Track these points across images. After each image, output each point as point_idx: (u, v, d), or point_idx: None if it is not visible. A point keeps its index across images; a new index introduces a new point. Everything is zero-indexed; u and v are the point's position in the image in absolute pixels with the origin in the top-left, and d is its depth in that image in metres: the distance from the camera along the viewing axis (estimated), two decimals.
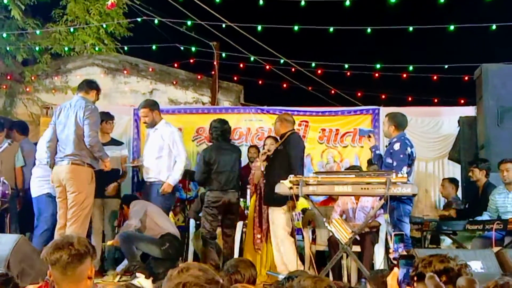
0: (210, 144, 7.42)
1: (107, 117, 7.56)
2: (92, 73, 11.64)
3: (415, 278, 2.80)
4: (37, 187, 6.70)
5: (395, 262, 3.31)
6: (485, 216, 6.69)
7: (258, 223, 7.29)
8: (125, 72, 11.66)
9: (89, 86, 6.45)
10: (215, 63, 11.82)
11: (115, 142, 7.75)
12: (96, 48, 10.98)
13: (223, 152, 7.04)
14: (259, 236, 7.27)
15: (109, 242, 6.86)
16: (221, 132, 7.13)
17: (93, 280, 2.77)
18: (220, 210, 6.93)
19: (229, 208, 7.02)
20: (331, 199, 8.21)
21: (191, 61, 12.05)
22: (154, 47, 11.31)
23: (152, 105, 7.27)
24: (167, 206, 7.16)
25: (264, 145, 7.54)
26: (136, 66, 11.83)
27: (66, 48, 10.86)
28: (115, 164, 7.30)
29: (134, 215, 6.57)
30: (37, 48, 10.65)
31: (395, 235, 3.76)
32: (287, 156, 6.54)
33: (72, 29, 10.73)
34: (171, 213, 7.95)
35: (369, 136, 6.92)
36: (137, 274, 6.20)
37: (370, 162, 8.22)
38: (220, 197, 6.91)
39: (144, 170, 7.27)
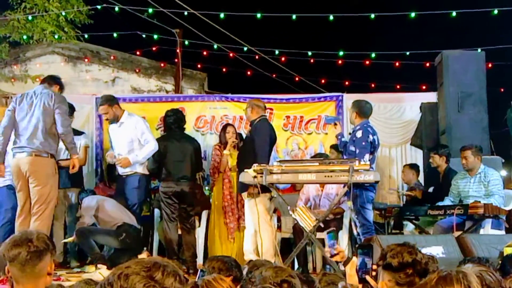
0: (163, 134, 7.34)
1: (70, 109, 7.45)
2: (52, 61, 11.42)
3: (381, 267, 2.81)
4: None
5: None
6: (447, 201, 6.80)
7: (231, 211, 7.28)
8: (86, 60, 11.47)
9: (52, 79, 6.25)
10: (178, 50, 11.71)
11: (75, 132, 7.63)
12: (56, 36, 10.76)
13: (175, 141, 6.96)
14: (232, 225, 7.26)
15: (67, 239, 6.79)
16: (173, 121, 7.06)
17: (52, 276, 2.72)
18: (175, 200, 6.84)
19: (183, 199, 6.91)
20: (293, 187, 8.25)
21: (154, 48, 11.92)
22: (115, 34, 11.15)
23: (110, 101, 7.10)
24: (141, 198, 7.09)
25: (226, 133, 7.51)
26: (97, 54, 11.64)
27: (24, 36, 10.62)
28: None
29: (85, 213, 6.54)
30: None
31: (327, 232, 3.78)
32: (252, 144, 6.53)
33: (30, 17, 10.50)
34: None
35: (335, 124, 6.97)
36: (99, 266, 6.17)
37: (334, 147, 8.28)
38: (172, 187, 6.82)
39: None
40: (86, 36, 11.11)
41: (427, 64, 10.02)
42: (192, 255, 6.92)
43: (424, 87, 10.24)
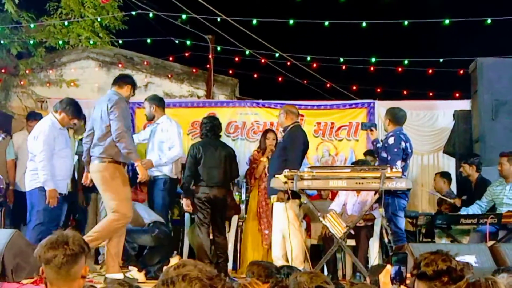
0: (200, 140, 7.38)
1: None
2: (87, 66, 11.57)
3: (415, 277, 2.77)
4: (30, 181, 6.60)
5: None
6: (475, 206, 6.72)
7: (266, 218, 7.29)
8: (120, 65, 11.59)
9: (123, 80, 6.18)
10: (210, 56, 11.77)
11: None
12: (91, 42, 10.91)
13: (210, 148, 6.99)
14: (267, 231, 7.25)
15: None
16: (210, 128, 7.09)
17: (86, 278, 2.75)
18: (208, 205, 6.86)
19: (216, 204, 6.92)
20: (319, 195, 8.22)
21: (186, 54, 12.00)
22: (149, 40, 11.26)
23: (152, 99, 7.43)
24: (167, 201, 7.15)
25: (266, 139, 7.53)
26: (131, 60, 11.77)
27: (60, 42, 10.78)
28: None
29: None
30: (31, 42, 10.58)
31: (393, 254, 3.64)
32: (284, 150, 6.53)
33: (66, 23, 10.66)
34: None
35: (371, 130, 6.95)
36: (130, 268, 6.24)
37: (368, 153, 8.24)
38: (206, 192, 6.84)
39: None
40: (120, 41, 11.24)
41: (461, 72, 9.89)
42: (224, 260, 6.95)
43: (457, 95, 10.12)
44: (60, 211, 6.50)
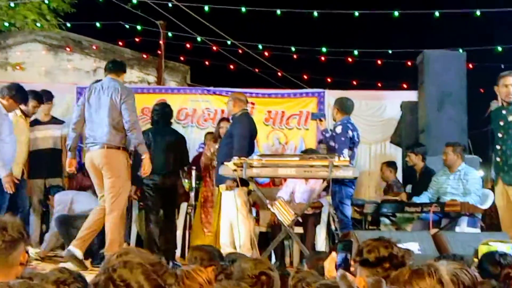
0: (150, 127, 7.28)
1: (48, 97, 7.39)
2: (34, 49, 11.30)
3: (358, 263, 2.82)
4: None
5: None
6: (424, 196, 6.87)
7: (204, 205, 7.29)
8: (67, 49, 11.36)
9: (120, 68, 6.11)
10: (161, 42, 11.66)
11: (55, 121, 7.57)
12: (38, 24, 10.64)
13: (161, 135, 6.92)
14: (207, 219, 7.26)
15: None
16: (161, 115, 7.01)
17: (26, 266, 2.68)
18: (157, 193, 6.80)
19: (165, 192, 6.85)
20: (272, 182, 8.27)
21: (137, 39, 11.83)
22: (98, 24, 11.05)
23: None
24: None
25: (219, 128, 7.50)
26: (79, 44, 11.54)
27: (6, 23, 10.48)
28: (52, 144, 7.28)
29: (59, 207, 6.47)
30: None
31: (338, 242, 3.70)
32: (231, 137, 6.52)
33: (12, 4, 10.37)
34: None
35: (321, 120, 6.99)
36: None
37: (321, 142, 8.32)
38: (155, 180, 6.77)
39: None
40: (68, 25, 11.01)
41: (409, 63, 10.09)
42: (172, 247, 6.91)
43: (405, 86, 10.31)
44: (2, 197, 6.35)
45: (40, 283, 2.15)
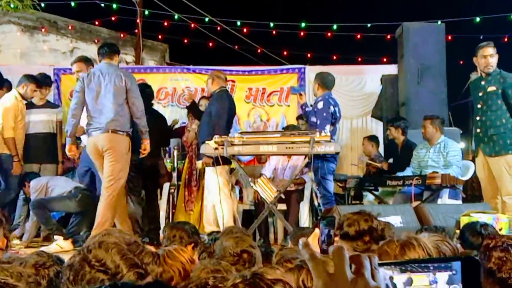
0: None
1: (48, 82, 7.38)
2: (9, 31, 11.10)
3: (339, 237, 2.83)
4: None
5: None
6: (408, 171, 6.90)
7: (189, 184, 7.27)
8: (43, 30, 11.17)
9: (115, 51, 6.08)
10: (138, 21, 11.50)
11: (50, 105, 7.48)
12: (12, 5, 10.41)
13: None
14: (190, 197, 7.24)
15: None
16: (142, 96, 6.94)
17: (6, 251, 2.65)
18: (138, 173, 6.75)
19: (146, 172, 6.80)
20: (256, 159, 8.27)
21: (113, 18, 11.66)
22: (73, 4, 10.87)
23: (87, 60, 6.80)
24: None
25: (199, 106, 7.46)
26: (54, 24, 11.35)
27: None
28: (48, 128, 7.21)
29: (34, 193, 6.39)
30: None
31: (321, 217, 3.71)
32: (210, 115, 6.48)
33: None
34: None
35: (300, 94, 6.98)
36: (55, 237, 6.09)
37: (301, 118, 8.31)
38: (135, 160, 6.71)
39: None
40: (42, 5, 10.79)
41: (388, 37, 10.07)
42: (155, 227, 6.89)
43: (385, 60, 10.31)
44: None
45: (19, 266, 2.12)
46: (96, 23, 11.54)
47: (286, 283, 1.34)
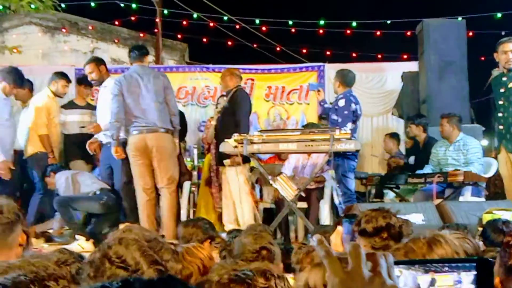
0: None
1: (88, 82, 7.40)
2: (30, 32, 11.22)
3: (357, 233, 2.82)
4: None
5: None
6: (427, 169, 6.85)
7: (216, 182, 7.26)
8: (64, 30, 11.27)
9: (143, 53, 6.30)
10: (157, 20, 11.55)
11: (90, 106, 7.52)
12: (33, 6, 10.54)
13: None
14: (218, 195, 7.23)
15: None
16: None
17: (30, 247, 2.68)
18: None
19: None
20: (277, 157, 8.25)
21: (133, 18, 11.74)
22: (93, 4, 10.96)
23: (97, 60, 6.83)
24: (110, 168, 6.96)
25: (218, 104, 7.46)
26: (75, 24, 11.44)
27: (0, 7, 10.38)
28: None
29: (60, 188, 6.43)
30: None
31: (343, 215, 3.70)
32: (233, 114, 6.49)
33: None
34: None
35: (319, 90, 6.98)
36: (77, 237, 6.13)
37: (323, 118, 8.29)
38: None
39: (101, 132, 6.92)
40: (63, 6, 10.91)
41: (408, 33, 9.99)
42: (176, 225, 6.92)
43: (405, 57, 10.23)
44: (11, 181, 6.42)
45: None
46: (116, 23, 11.62)
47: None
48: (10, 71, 6.48)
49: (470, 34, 9.28)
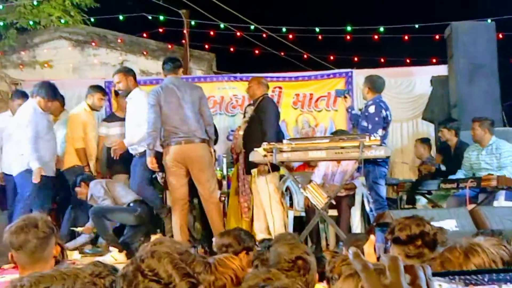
0: None
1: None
2: (60, 46, 11.40)
3: (391, 241, 2.80)
4: (16, 165, 6.49)
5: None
6: (460, 174, 6.76)
7: (244, 191, 7.28)
8: (93, 44, 11.43)
9: (177, 65, 6.42)
10: (185, 31, 11.64)
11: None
12: (62, 21, 10.71)
13: None
14: (246, 204, 7.24)
15: (80, 229, 6.77)
16: None
17: (64, 259, 2.71)
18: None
19: None
20: (307, 164, 8.22)
21: (160, 30, 11.85)
22: (121, 17, 11.10)
23: (126, 71, 6.86)
24: (148, 176, 6.95)
25: (245, 113, 7.49)
26: (104, 38, 11.60)
27: (31, 22, 10.58)
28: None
29: (97, 196, 6.48)
30: (1, 23, 10.37)
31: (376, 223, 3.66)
32: (260, 122, 6.50)
33: (36, 2, 10.44)
34: None
35: (345, 97, 6.93)
36: (110, 248, 6.19)
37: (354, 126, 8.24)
38: None
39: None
40: (92, 19, 11.06)
41: (437, 37, 9.88)
42: (207, 235, 6.94)
43: (434, 61, 10.12)
44: (49, 193, 6.54)
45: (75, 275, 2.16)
46: (144, 35, 11.75)
47: None
48: (42, 85, 6.63)
49: (500, 36, 9.13)
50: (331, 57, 11.94)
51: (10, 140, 6.75)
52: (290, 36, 11.67)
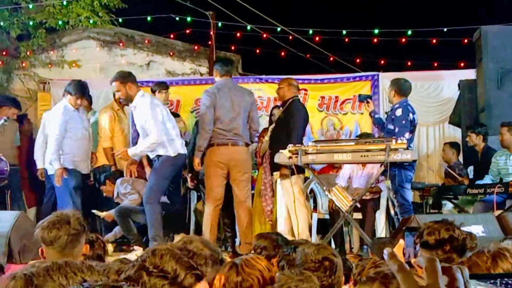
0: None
1: (161, 86, 7.56)
2: (88, 46, 11.51)
3: (419, 245, 2.77)
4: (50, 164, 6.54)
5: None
6: (487, 179, 6.68)
7: (266, 195, 7.28)
8: (121, 44, 11.53)
9: (232, 68, 6.74)
10: (211, 33, 11.68)
11: (172, 114, 7.13)
12: (91, 21, 10.83)
13: None
14: (269, 208, 7.24)
15: (102, 214, 6.80)
16: None
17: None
18: None
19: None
20: (331, 166, 8.19)
21: (187, 31, 11.91)
22: (149, 18, 11.18)
23: (123, 77, 6.17)
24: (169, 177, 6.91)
25: (271, 115, 7.49)
26: (132, 38, 11.69)
27: (60, 22, 10.71)
28: None
29: (129, 192, 6.53)
30: (31, 23, 10.53)
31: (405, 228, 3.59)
32: (287, 124, 6.50)
33: (65, 2, 10.58)
34: None
35: (368, 102, 6.91)
36: (135, 247, 6.23)
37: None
38: None
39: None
40: (120, 20, 11.17)
41: (465, 41, 9.78)
42: (231, 235, 6.96)
43: (462, 64, 10.01)
44: (81, 191, 6.62)
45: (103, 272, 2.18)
46: (171, 36, 11.82)
47: None
48: (71, 83, 6.74)
49: None
50: (358, 60, 11.88)
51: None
52: (317, 38, 11.63)
